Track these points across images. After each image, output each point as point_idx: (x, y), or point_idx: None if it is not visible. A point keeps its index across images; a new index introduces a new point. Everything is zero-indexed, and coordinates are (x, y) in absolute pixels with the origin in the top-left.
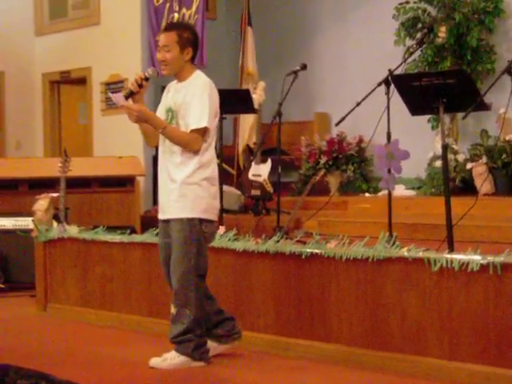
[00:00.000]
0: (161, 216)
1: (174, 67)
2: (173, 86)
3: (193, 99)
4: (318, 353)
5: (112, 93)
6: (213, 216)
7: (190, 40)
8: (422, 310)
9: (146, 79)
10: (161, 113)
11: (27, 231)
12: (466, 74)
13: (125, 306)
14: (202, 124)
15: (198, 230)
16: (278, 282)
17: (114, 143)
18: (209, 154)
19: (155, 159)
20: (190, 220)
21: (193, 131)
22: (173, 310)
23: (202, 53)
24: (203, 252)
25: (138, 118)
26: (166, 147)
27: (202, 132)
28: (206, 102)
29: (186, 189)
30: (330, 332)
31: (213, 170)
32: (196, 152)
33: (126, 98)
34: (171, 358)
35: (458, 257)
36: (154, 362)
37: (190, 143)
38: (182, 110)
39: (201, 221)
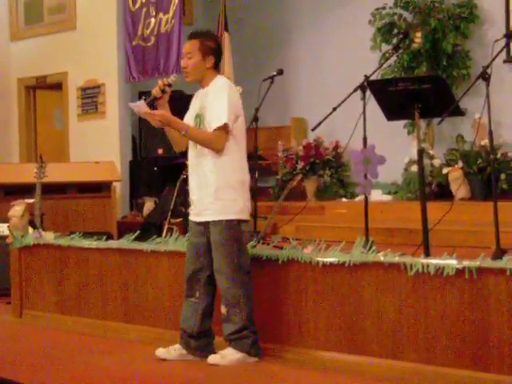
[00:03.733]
0: (196, 219)
1: (196, 74)
2: (200, 93)
3: (213, 101)
4: (295, 358)
5: (132, 103)
6: (248, 216)
7: (211, 48)
8: (399, 315)
9: (169, 85)
10: (188, 119)
11: (2, 237)
12: (442, 80)
13: (101, 312)
14: (222, 121)
15: (237, 231)
16: (255, 287)
17: (91, 148)
18: (241, 157)
19: (132, 164)
20: (229, 221)
21: (215, 130)
22: (223, 309)
23: (178, 58)
24: (244, 250)
25: (161, 123)
26: (197, 151)
27: (224, 129)
28: (225, 101)
29: (222, 192)
30: (306, 337)
31: (246, 173)
32: (221, 151)
33: (149, 103)
34: (230, 355)
35: (433, 261)
36: (213, 359)
37: (213, 141)
38: (207, 113)
39: (238, 221)
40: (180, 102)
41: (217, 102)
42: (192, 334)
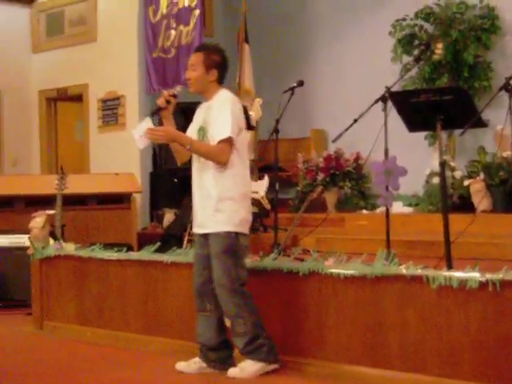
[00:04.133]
0: (198, 231)
1: (198, 86)
2: (203, 106)
3: (217, 114)
4: (317, 371)
5: (134, 130)
6: (247, 230)
7: (216, 62)
8: (421, 328)
9: (174, 96)
10: (191, 132)
11: (23, 249)
12: (464, 91)
13: (121, 323)
14: (226, 134)
15: (235, 243)
16: (276, 300)
17: (111, 160)
18: (243, 169)
19: (152, 176)
20: (227, 233)
21: (219, 143)
22: (227, 322)
23: None
24: (241, 263)
25: (165, 138)
26: (200, 164)
27: (228, 142)
28: (228, 114)
29: (222, 203)
30: (328, 350)
31: (247, 185)
32: (225, 163)
33: (154, 114)
34: (249, 366)
35: (456, 274)
36: (233, 372)
37: (218, 154)
38: (211, 127)
39: (237, 234)
40: None
41: (221, 115)
42: (210, 347)
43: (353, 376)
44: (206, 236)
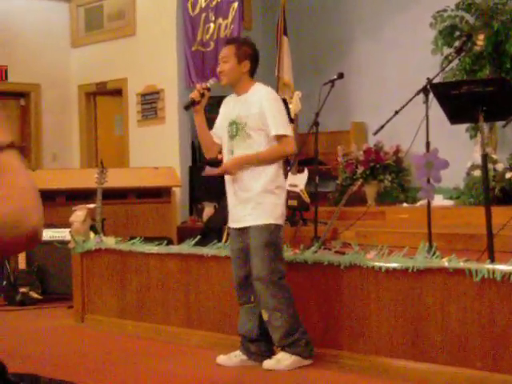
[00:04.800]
0: (235, 225)
1: (231, 78)
2: (232, 100)
3: (266, 110)
4: (359, 364)
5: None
6: (283, 222)
7: (247, 54)
8: (464, 321)
9: (208, 89)
10: (221, 126)
11: (64, 242)
12: (507, 82)
13: (162, 317)
14: (283, 129)
15: (275, 236)
16: (317, 293)
17: (150, 154)
18: (279, 163)
19: (191, 170)
20: (268, 226)
21: (278, 138)
22: (265, 315)
23: None
24: (281, 256)
25: (236, 169)
26: None
27: (288, 134)
28: (278, 108)
29: (263, 197)
30: (369, 343)
31: (283, 179)
32: (293, 154)
33: (188, 107)
34: (284, 359)
35: (500, 267)
36: (268, 364)
37: (285, 150)
38: (251, 122)
39: (276, 226)
40: None
41: (270, 111)
42: (251, 339)
43: (394, 369)
44: (244, 230)
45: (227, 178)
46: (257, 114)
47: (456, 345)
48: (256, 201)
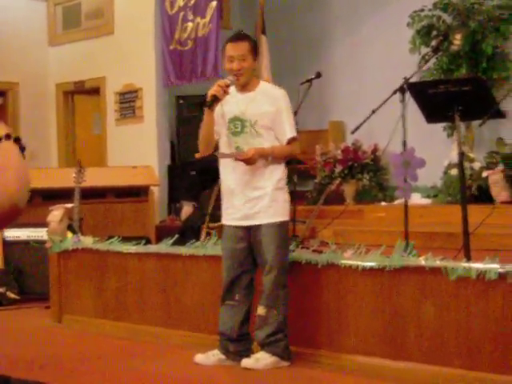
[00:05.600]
0: (241, 223)
1: (249, 76)
2: (233, 96)
3: (283, 112)
4: (337, 363)
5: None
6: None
7: (256, 49)
8: (440, 320)
9: (228, 86)
10: (219, 122)
11: (41, 242)
12: (483, 81)
13: (140, 316)
14: (295, 132)
15: (287, 232)
16: (294, 292)
17: (128, 153)
18: (285, 162)
19: (170, 168)
20: (283, 223)
21: (290, 140)
22: (261, 311)
23: (216, 62)
24: (288, 252)
25: (255, 160)
26: None
27: (297, 138)
28: (291, 112)
29: (276, 194)
30: (346, 342)
31: (287, 177)
32: (297, 155)
33: (210, 104)
34: (263, 359)
35: (475, 265)
36: (247, 363)
37: (294, 152)
38: (262, 120)
39: (288, 223)
40: None
41: (287, 115)
42: (231, 338)
43: (371, 368)
44: (251, 228)
45: (230, 173)
46: (271, 113)
47: (433, 343)
48: (270, 199)
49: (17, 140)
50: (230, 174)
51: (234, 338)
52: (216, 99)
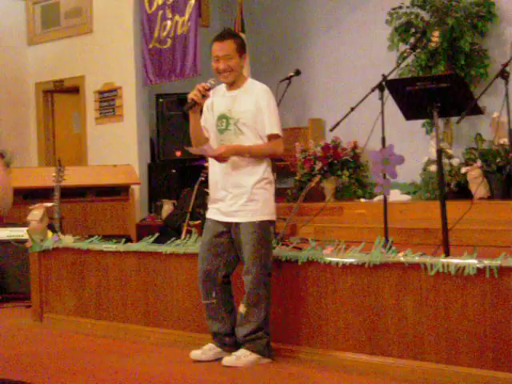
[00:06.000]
0: (222, 218)
1: (236, 75)
2: (221, 92)
3: (263, 108)
4: (315, 359)
5: (193, 149)
6: (274, 217)
7: (244, 46)
8: (419, 315)
9: (209, 89)
10: (207, 119)
11: (22, 242)
12: (460, 78)
13: (121, 315)
14: (279, 128)
15: (268, 232)
16: (274, 289)
17: (109, 152)
18: (268, 159)
19: (150, 167)
20: (262, 222)
21: (271, 137)
22: (242, 309)
23: (195, 60)
24: (271, 252)
25: (228, 158)
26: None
27: (280, 135)
28: (274, 107)
29: (256, 193)
30: (326, 338)
31: (271, 175)
32: (281, 155)
33: (189, 109)
34: (244, 356)
35: (454, 261)
36: (228, 361)
37: (276, 150)
38: (245, 118)
39: (269, 222)
40: None
41: (268, 110)
42: (227, 333)
43: (351, 363)
44: (231, 225)
45: (215, 171)
46: (253, 110)
47: (412, 338)
48: (249, 197)
49: (0, 155)
50: (216, 167)
51: (228, 332)
52: (195, 104)
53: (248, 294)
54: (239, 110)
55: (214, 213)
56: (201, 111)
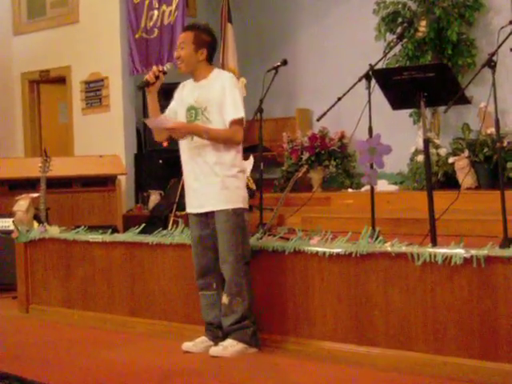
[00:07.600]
0: (199, 210)
1: (188, 65)
2: (189, 85)
3: (226, 93)
4: (302, 349)
5: (149, 119)
6: (247, 205)
7: (205, 41)
8: (407, 305)
9: (164, 72)
10: (175, 110)
11: (8, 232)
12: (447, 68)
13: (108, 306)
14: (240, 114)
15: (242, 219)
16: (262, 279)
17: (95, 142)
18: (240, 147)
19: (136, 157)
20: (236, 210)
21: (232, 123)
22: (225, 299)
23: None
24: (247, 240)
25: (182, 133)
26: (196, 143)
27: (241, 122)
28: (238, 94)
29: (227, 181)
30: (313, 328)
31: (243, 163)
32: (239, 144)
33: (141, 88)
34: (231, 346)
35: (441, 251)
36: (215, 351)
37: (234, 136)
38: (211, 106)
39: (242, 210)
40: None
41: (231, 95)
42: (219, 325)
43: (338, 353)
44: (207, 215)
45: (187, 161)
46: (218, 98)
47: (399, 328)
48: (221, 186)
49: None
50: (188, 158)
51: (221, 325)
52: (147, 83)
53: (228, 283)
54: (205, 98)
55: (190, 206)
56: (160, 94)
